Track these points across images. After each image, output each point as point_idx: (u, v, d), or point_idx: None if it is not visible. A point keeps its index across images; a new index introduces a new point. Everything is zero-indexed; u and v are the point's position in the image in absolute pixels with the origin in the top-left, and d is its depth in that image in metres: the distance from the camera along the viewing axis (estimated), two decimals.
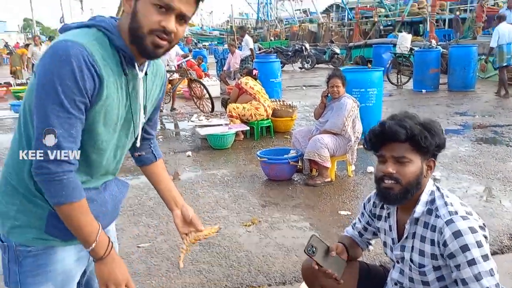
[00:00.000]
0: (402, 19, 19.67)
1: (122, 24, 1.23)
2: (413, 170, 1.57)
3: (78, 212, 1.19)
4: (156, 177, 1.61)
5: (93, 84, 1.15)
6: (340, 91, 4.50)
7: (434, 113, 8.01)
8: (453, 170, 4.83)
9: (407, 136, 1.54)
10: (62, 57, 1.11)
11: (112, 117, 1.25)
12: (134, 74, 1.28)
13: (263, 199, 4.16)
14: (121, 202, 1.48)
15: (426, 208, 1.61)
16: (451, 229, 1.50)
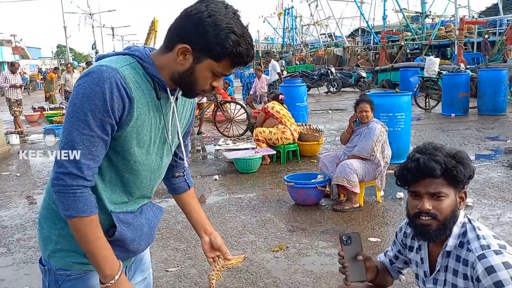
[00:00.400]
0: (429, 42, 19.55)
1: (158, 57, 1.30)
2: (449, 205, 1.54)
3: (88, 226, 1.22)
4: (188, 206, 1.66)
5: (122, 105, 1.20)
6: (369, 116, 4.48)
7: (465, 138, 7.85)
8: (486, 196, 4.70)
9: (442, 171, 1.52)
10: (95, 79, 1.18)
11: (144, 137, 1.30)
12: (166, 99, 1.34)
13: (291, 224, 4.13)
14: (156, 226, 1.51)
15: (458, 241, 1.57)
16: (484, 265, 1.46)
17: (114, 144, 1.27)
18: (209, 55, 1.23)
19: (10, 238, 4.07)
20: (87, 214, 1.21)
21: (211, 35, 1.20)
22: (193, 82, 1.29)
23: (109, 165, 1.29)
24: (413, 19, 26.18)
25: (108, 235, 1.31)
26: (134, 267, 1.51)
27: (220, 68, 1.26)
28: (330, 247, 3.62)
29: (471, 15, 26.30)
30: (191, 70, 1.26)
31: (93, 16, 40.70)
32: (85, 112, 1.17)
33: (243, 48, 1.23)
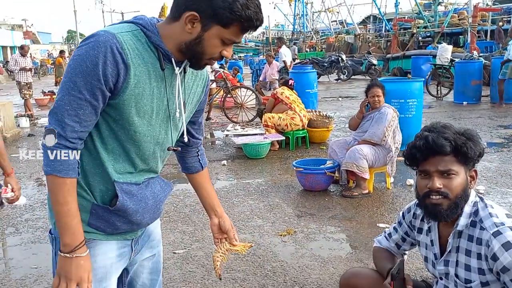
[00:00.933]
0: (441, 30, 19.25)
1: (167, 27, 1.26)
2: (460, 183, 1.50)
3: (59, 187, 1.20)
4: (200, 186, 1.65)
5: (116, 70, 1.18)
6: (381, 101, 4.41)
7: (476, 126, 7.73)
8: (498, 184, 4.62)
9: (451, 148, 1.48)
10: (91, 43, 1.17)
11: (144, 107, 1.26)
12: (171, 70, 1.30)
13: (299, 210, 4.10)
14: (163, 201, 1.48)
15: (470, 220, 1.53)
16: (500, 241, 1.42)
17: (113, 112, 1.24)
18: (217, 21, 1.20)
19: (18, 219, 4.09)
20: (62, 175, 1.19)
21: (221, 3, 1.17)
22: (201, 51, 1.25)
23: (110, 134, 1.27)
24: (425, 6, 25.79)
25: (111, 205, 1.29)
26: (141, 241, 1.48)
27: (229, 34, 1.22)
28: (338, 232, 3.58)
29: (485, 2, 25.79)
30: (199, 38, 1.23)
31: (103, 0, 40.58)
32: (76, 73, 1.17)
33: (252, 11, 1.19)
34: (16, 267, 3.16)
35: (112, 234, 1.34)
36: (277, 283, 2.83)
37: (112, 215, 1.31)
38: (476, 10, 16.43)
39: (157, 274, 1.59)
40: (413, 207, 1.78)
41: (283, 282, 2.83)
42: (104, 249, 1.34)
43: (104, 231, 1.33)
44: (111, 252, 1.36)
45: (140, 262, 1.52)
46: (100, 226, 1.31)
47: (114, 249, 1.36)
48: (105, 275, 1.35)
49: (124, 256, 1.41)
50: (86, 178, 1.29)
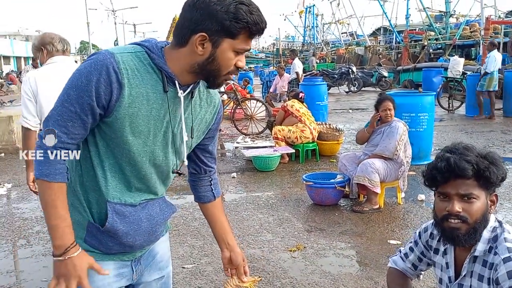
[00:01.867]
0: (453, 42, 19.20)
1: (174, 52, 1.27)
2: (480, 207, 1.47)
3: (47, 191, 1.23)
4: (213, 217, 1.63)
5: (109, 89, 1.20)
6: (392, 115, 4.39)
7: (489, 140, 7.65)
8: (511, 200, 4.55)
9: (474, 171, 1.44)
10: (90, 61, 1.22)
11: (139, 127, 1.27)
12: (175, 93, 1.30)
13: (308, 224, 4.07)
14: (161, 224, 1.46)
15: (488, 246, 1.50)
16: (507, 268, 1.39)
17: (108, 129, 1.26)
18: (226, 34, 1.21)
19: (30, 230, 4.12)
20: (49, 179, 1.22)
21: (222, 13, 1.18)
22: (217, 69, 1.26)
23: (107, 152, 1.29)
24: (436, 18, 25.79)
25: (102, 225, 1.31)
26: (144, 262, 1.48)
27: (240, 43, 1.24)
28: (349, 248, 3.55)
29: (497, 14, 25.68)
30: (212, 56, 1.23)
31: (115, 12, 41.19)
32: (71, 87, 1.21)
33: (255, 16, 1.21)
34: (26, 280, 3.18)
35: (107, 254, 1.36)
36: None
37: (104, 235, 1.33)
38: (488, 22, 16.36)
39: None
40: (430, 227, 1.75)
41: None
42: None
43: (99, 250, 1.34)
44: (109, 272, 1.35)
45: (147, 284, 1.51)
46: (94, 244, 1.33)
47: (111, 269, 1.37)
48: None
49: (124, 277, 1.41)
50: (86, 195, 1.32)
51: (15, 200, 5.09)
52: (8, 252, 3.70)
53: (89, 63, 1.21)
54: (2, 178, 6.05)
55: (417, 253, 1.79)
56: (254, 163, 6.11)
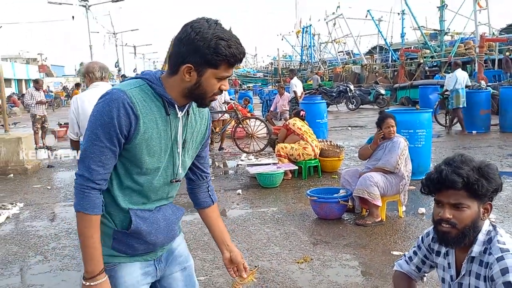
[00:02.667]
0: (448, 59, 19.49)
1: (169, 80, 1.50)
2: (469, 215, 1.64)
3: (86, 223, 1.44)
4: (211, 221, 1.83)
5: (128, 121, 1.41)
6: (395, 131, 4.60)
7: (486, 155, 7.84)
8: (509, 213, 4.72)
9: (463, 184, 1.61)
10: (107, 100, 1.42)
11: (154, 148, 1.49)
12: (175, 114, 1.53)
13: (314, 237, 4.23)
14: (176, 223, 1.68)
15: (483, 247, 1.67)
16: (500, 266, 1.56)
17: (127, 154, 1.47)
18: (208, 65, 1.42)
19: (45, 247, 4.26)
20: (89, 212, 1.43)
21: (204, 48, 1.39)
22: (203, 92, 1.48)
23: (126, 173, 1.51)
24: (431, 36, 26.24)
25: (127, 229, 1.52)
26: (166, 260, 1.68)
27: (221, 72, 1.44)
28: (353, 259, 3.71)
29: (491, 32, 26.17)
30: (198, 83, 1.45)
31: (116, 35, 41.76)
32: (96, 127, 1.41)
33: (233, 49, 1.41)
34: None
35: (133, 256, 1.56)
36: None
37: (130, 238, 1.53)
38: (482, 40, 16.74)
39: (192, 286, 1.76)
40: (431, 232, 1.92)
41: None
42: (130, 270, 1.56)
43: (126, 253, 1.55)
44: (136, 272, 1.58)
45: (171, 275, 1.70)
46: (121, 248, 1.54)
47: (137, 268, 1.58)
48: None
49: (149, 274, 1.62)
50: (107, 209, 1.52)
51: (28, 219, 5.24)
52: (26, 267, 3.84)
53: (106, 102, 1.41)
54: (14, 198, 6.21)
55: (421, 256, 1.96)
56: (258, 180, 6.28)
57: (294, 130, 6.73)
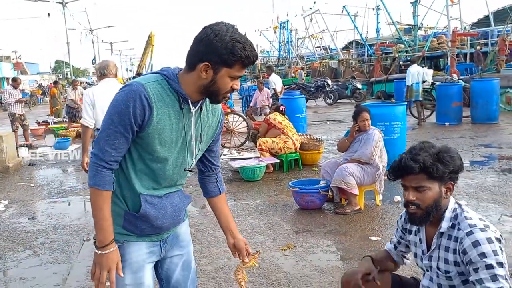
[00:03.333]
0: (422, 54, 20.03)
1: (185, 76, 1.63)
2: (431, 196, 1.84)
3: (97, 197, 1.59)
4: (219, 209, 1.98)
5: (143, 111, 1.54)
6: (369, 124, 4.82)
7: (458, 145, 8.18)
8: (479, 199, 5.01)
9: (420, 169, 1.81)
10: (126, 91, 1.57)
11: (165, 138, 1.62)
12: (189, 109, 1.67)
13: (296, 226, 4.42)
14: (182, 210, 1.83)
15: (451, 223, 1.87)
16: (471, 240, 1.76)
17: (141, 141, 1.61)
18: (224, 64, 1.56)
19: (34, 242, 4.34)
20: (100, 188, 1.58)
21: (222, 48, 1.53)
22: (217, 90, 1.61)
23: (139, 158, 1.65)
24: (406, 31, 26.77)
25: (137, 212, 1.67)
26: (170, 242, 1.84)
27: (235, 71, 1.59)
28: (334, 245, 3.91)
29: (463, 27, 26.88)
30: (213, 80, 1.59)
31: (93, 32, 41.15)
32: (114, 113, 1.56)
33: (248, 51, 1.56)
34: (40, 285, 3.41)
35: (141, 236, 1.72)
36: None
37: (139, 220, 1.68)
38: (454, 35, 17.27)
39: (188, 270, 1.92)
40: (404, 214, 2.13)
41: None
42: (137, 248, 1.72)
43: (134, 233, 1.70)
44: (142, 250, 1.73)
45: (171, 259, 1.86)
46: (131, 228, 1.69)
47: (144, 247, 1.74)
48: (140, 268, 1.72)
49: (154, 253, 1.78)
50: (121, 191, 1.67)
51: (14, 216, 5.28)
52: (17, 262, 3.91)
53: (125, 93, 1.55)
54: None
55: (397, 238, 2.18)
56: (241, 174, 6.44)
57: (275, 125, 6.90)
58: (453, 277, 1.84)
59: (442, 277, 1.88)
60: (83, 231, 4.64)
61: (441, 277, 1.88)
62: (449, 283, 1.86)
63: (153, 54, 40.64)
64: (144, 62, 40.76)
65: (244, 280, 1.97)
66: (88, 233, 4.49)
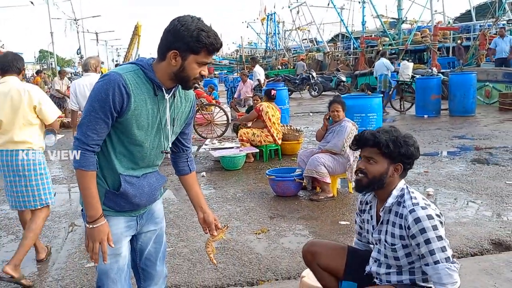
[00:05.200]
0: (405, 47, 20.32)
1: (161, 67, 1.80)
2: (377, 169, 2.07)
3: (83, 178, 1.76)
4: (189, 186, 2.18)
5: (121, 99, 1.70)
6: (340, 115, 5.02)
7: (434, 137, 8.46)
8: (446, 187, 5.25)
9: (374, 143, 2.06)
10: (105, 80, 1.72)
11: (142, 123, 1.78)
12: (163, 95, 1.84)
13: (272, 212, 4.62)
14: (158, 189, 2.02)
15: (396, 200, 2.08)
16: (413, 216, 1.98)
17: (120, 126, 1.77)
18: (191, 51, 1.73)
19: (16, 227, 4.46)
20: (84, 168, 1.75)
21: (188, 37, 1.71)
22: (186, 75, 1.77)
23: (118, 141, 1.82)
24: (391, 24, 27.06)
25: (117, 190, 1.85)
26: (145, 217, 2.03)
27: (201, 58, 1.76)
28: (305, 229, 4.12)
29: (446, 21, 27.26)
30: (182, 67, 1.76)
31: (77, 22, 40.69)
32: (94, 100, 1.71)
33: (212, 39, 1.73)
34: (21, 267, 3.54)
35: (120, 211, 1.90)
36: (253, 270, 3.33)
37: (118, 197, 1.87)
38: (436, 29, 17.57)
39: (160, 244, 2.13)
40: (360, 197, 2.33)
41: (257, 269, 3.33)
42: (116, 222, 1.91)
43: (114, 209, 1.89)
44: (121, 224, 1.92)
45: (146, 233, 2.06)
46: (111, 205, 1.88)
47: (122, 222, 1.93)
48: (118, 240, 1.91)
49: (131, 228, 1.97)
50: (102, 172, 1.85)
51: None
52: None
53: (105, 82, 1.71)
54: None
55: (359, 223, 2.39)
56: (222, 163, 6.62)
57: (264, 119, 6.89)
58: (397, 249, 2.05)
59: (388, 249, 2.09)
60: (65, 217, 4.78)
61: (388, 249, 2.09)
62: (394, 254, 2.07)
63: (139, 44, 40.44)
64: (131, 53, 40.52)
65: (213, 252, 2.19)
66: (72, 221, 4.63)
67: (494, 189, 5.06)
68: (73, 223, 4.65)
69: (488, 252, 3.51)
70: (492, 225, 4.01)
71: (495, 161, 6.42)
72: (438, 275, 1.92)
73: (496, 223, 4.05)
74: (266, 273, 3.27)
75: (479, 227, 3.96)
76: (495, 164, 6.23)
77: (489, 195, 4.86)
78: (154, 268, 2.13)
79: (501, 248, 3.57)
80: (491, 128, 9.20)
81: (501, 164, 6.17)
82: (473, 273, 3.11)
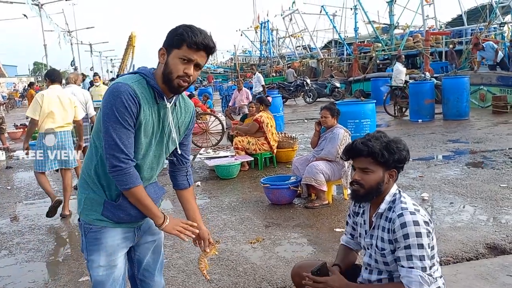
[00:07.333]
0: (398, 53, 20.39)
1: (157, 71, 1.83)
2: (374, 178, 2.05)
3: (139, 192, 1.79)
4: (186, 201, 2.15)
5: (136, 108, 1.72)
6: (328, 121, 5.04)
7: (428, 141, 8.47)
8: (441, 191, 5.26)
9: (368, 153, 2.03)
10: (115, 93, 1.71)
11: (148, 130, 1.80)
12: (164, 104, 1.85)
13: (267, 221, 4.60)
14: (157, 201, 1.99)
15: (388, 206, 2.08)
16: (400, 221, 1.97)
17: None
18: (173, 46, 1.76)
19: (10, 242, 4.43)
20: (138, 184, 1.78)
21: (173, 35, 1.76)
22: (169, 72, 1.76)
23: None
24: (383, 30, 27.19)
25: (115, 201, 1.85)
26: (143, 228, 2.02)
27: (183, 52, 1.75)
28: (301, 237, 4.10)
29: (438, 26, 27.45)
30: (167, 63, 1.78)
31: (71, 33, 40.70)
32: (114, 115, 1.70)
33: (197, 36, 1.74)
34: (15, 283, 3.52)
35: (118, 223, 1.89)
36: (248, 281, 3.30)
37: (116, 209, 1.86)
38: (428, 34, 17.69)
39: (158, 254, 2.12)
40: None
41: (253, 280, 3.31)
42: (113, 233, 1.89)
43: (112, 220, 1.87)
44: (118, 236, 1.91)
45: (144, 244, 2.05)
46: (109, 215, 1.86)
47: (120, 233, 1.91)
48: (114, 251, 1.90)
49: (128, 239, 1.96)
50: (100, 180, 1.84)
51: None
52: None
53: (115, 93, 1.70)
54: None
55: (351, 224, 2.36)
56: (216, 172, 6.60)
57: (264, 129, 6.89)
58: (386, 254, 2.04)
59: (378, 254, 2.08)
60: (59, 231, 4.74)
61: (377, 254, 2.09)
62: (383, 259, 2.06)
63: (134, 55, 40.48)
64: (126, 63, 40.56)
65: (206, 268, 2.16)
66: (69, 234, 4.59)
67: (489, 192, 5.06)
68: (69, 236, 4.61)
69: (484, 257, 3.50)
70: (487, 229, 4.01)
71: (489, 164, 6.43)
72: (409, 279, 1.91)
73: (491, 227, 4.05)
74: (261, 283, 3.24)
75: (474, 231, 3.95)
76: (489, 167, 6.25)
77: (484, 198, 4.87)
78: (152, 279, 2.13)
79: (496, 252, 3.57)
80: (485, 131, 9.23)
81: (496, 167, 6.18)
82: (468, 278, 3.10)
